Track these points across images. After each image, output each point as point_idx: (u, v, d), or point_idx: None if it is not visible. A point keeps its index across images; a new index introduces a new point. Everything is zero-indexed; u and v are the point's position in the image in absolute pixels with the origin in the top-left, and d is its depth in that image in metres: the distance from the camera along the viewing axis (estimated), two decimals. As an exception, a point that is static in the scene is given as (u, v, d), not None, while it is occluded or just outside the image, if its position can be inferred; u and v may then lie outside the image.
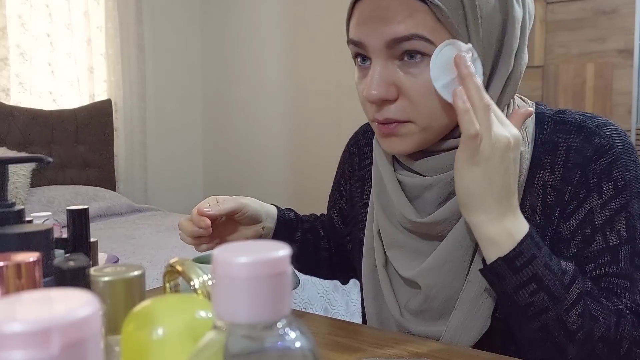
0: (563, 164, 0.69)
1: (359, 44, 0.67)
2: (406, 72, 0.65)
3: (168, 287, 0.44)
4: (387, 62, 0.65)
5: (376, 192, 0.77)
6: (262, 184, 3.55)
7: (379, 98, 0.65)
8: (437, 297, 0.70)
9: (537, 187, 0.70)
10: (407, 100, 0.65)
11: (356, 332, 0.71)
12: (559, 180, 0.69)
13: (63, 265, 0.38)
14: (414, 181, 0.71)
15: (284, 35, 3.37)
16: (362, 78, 0.69)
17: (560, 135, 0.70)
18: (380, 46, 0.64)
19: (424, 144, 0.68)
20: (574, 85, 2.23)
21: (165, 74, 3.54)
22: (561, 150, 0.69)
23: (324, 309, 1.81)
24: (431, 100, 0.64)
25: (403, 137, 0.67)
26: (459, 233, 0.68)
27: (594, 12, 2.15)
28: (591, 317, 0.62)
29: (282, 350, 0.26)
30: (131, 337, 0.36)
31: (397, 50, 0.64)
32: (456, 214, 0.68)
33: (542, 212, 0.69)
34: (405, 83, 0.65)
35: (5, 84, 2.76)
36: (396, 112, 0.66)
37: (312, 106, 3.28)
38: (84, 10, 3.08)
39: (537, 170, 0.70)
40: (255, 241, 0.28)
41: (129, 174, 3.27)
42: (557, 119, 0.72)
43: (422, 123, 0.66)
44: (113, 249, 1.97)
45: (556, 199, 0.69)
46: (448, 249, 0.69)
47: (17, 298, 0.22)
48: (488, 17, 0.64)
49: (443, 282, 0.69)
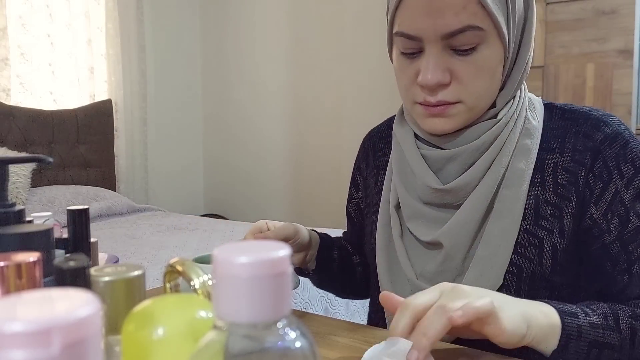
0: (572, 147, 0.76)
1: (412, 37, 0.72)
2: (459, 58, 0.71)
3: (168, 287, 0.44)
4: (441, 50, 0.71)
5: (397, 170, 0.83)
6: (262, 183, 3.55)
7: (434, 83, 0.71)
8: (456, 257, 0.76)
9: (547, 167, 0.76)
10: (459, 84, 0.72)
11: (356, 332, 0.71)
12: (569, 162, 0.75)
13: (63, 265, 0.38)
14: (438, 153, 0.77)
15: (284, 35, 3.37)
16: (409, 65, 0.74)
17: (568, 122, 0.78)
18: (436, 38, 0.70)
19: (466, 122, 0.75)
20: (574, 85, 2.23)
21: (165, 74, 3.54)
22: (570, 134, 0.76)
23: (324, 309, 1.81)
24: (481, 81, 0.72)
25: (450, 117, 0.74)
26: (477, 197, 0.75)
27: (594, 13, 2.15)
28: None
29: (282, 350, 0.26)
30: (131, 337, 0.36)
31: (451, 41, 0.70)
32: (475, 181, 0.75)
33: (554, 191, 0.75)
34: (458, 67, 0.71)
35: (6, 84, 2.76)
36: (449, 94, 0.72)
37: (312, 105, 3.28)
38: (84, 11, 3.08)
39: (547, 153, 0.77)
40: (255, 241, 0.28)
41: (129, 174, 3.27)
42: (565, 108, 0.80)
43: (470, 103, 0.73)
44: (113, 249, 1.97)
45: (569, 179, 0.75)
46: (468, 211, 0.75)
47: (17, 298, 0.22)
48: (519, 8, 0.73)
49: (462, 241, 0.75)
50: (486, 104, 0.75)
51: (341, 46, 3.11)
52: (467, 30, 0.69)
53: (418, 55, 0.73)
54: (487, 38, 0.70)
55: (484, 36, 0.70)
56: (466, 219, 0.75)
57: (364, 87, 3.01)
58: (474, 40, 0.70)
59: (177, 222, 2.58)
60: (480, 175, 0.75)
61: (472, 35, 0.69)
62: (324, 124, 3.23)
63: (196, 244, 2.06)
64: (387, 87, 2.87)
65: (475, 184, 0.75)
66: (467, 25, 0.68)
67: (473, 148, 0.75)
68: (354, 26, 3.05)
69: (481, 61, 0.71)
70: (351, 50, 3.07)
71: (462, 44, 0.70)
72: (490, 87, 0.73)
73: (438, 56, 0.71)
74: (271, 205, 3.51)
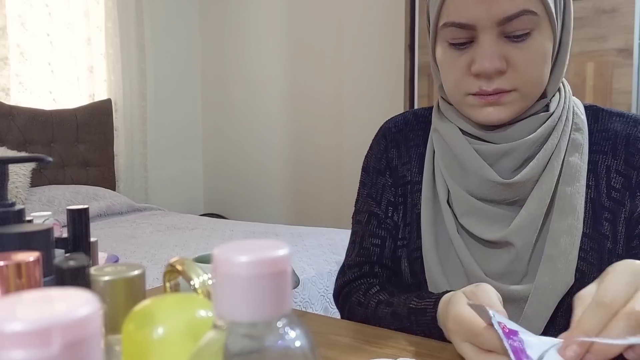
0: (625, 150, 0.75)
1: (465, 25, 0.71)
2: (513, 45, 0.71)
3: (168, 287, 0.44)
4: (496, 37, 0.71)
5: (444, 165, 0.81)
6: (262, 183, 3.55)
7: (493, 70, 0.70)
8: (525, 257, 0.74)
9: (600, 170, 0.76)
10: (515, 71, 0.71)
11: (356, 332, 0.71)
12: (622, 165, 0.75)
13: (63, 264, 0.38)
14: (492, 148, 0.76)
15: (283, 35, 3.37)
16: (459, 57, 0.73)
17: (618, 124, 0.77)
18: (491, 24, 0.70)
19: (520, 111, 0.74)
20: (574, 84, 2.23)
21: (165, 74, 3.54)
22: (621, 137, 0.76)
23: (324, 309, 1.81)
24: (537, 69, 0.72)
25: (505, 105, 0.73)
26: (540, 193, 0.74)
27: (594, 11, 2.15)
28: None
29: (282, 350, 0.26)
30: (131, 336, 0.36)
31: (507, 27, 0.70)
32: (536, 176, 0.74)
33: (608, 195, 0.75)
34: (514, 54, 0.71)
35: (5, 83, 2.76)
36: (505, 82, 0.71)
37: (312, 104, 3.28)
38: (84, 10, 3.08)
39: (599, 156, 0.76)
40: (255, 240, 0.28)
41: (129, 173, 3.27)
42: (611, 112, 0.79)
43: (525, 90, 0.72)
44: (113, 248, 1.97)
45: (623, 183, 0.75)
46: (534, 207, 0.74)
47: (17, 297, 0.22)
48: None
49: (531, 240, 0.74)
50: (538, 93, 0.75)
51: (340, 47, 3.11)
52: (522, 15, 0.69)
53: (469, 46, 0.72)
54: (540, 23, 0.70)
55: (537, 21, 0.70)
56: (533, 216, 0.74)
57: (364, 88, 3.01)
58: (529, 26, 0.69)
59: (177, 222, 2.58)
60: (540, 170, 0.74)
61: (526, 20, 0.69)
62: (323, 124, 3.23)
63: (196, 244, 2.06)
64: (386, 88, 2.86)
65: (536, 179, 0.74)
66: (522, 9, 0.68)
67: (530, 142, 0.74)
68: (353, 27, 3.05)
69: (535, 47, 0.71)
70: (350, 50, 3.06)
71: (516, 29, 0.70)
72: (543, 75, 0.73)
73: (493, 43, 0.70)
74: (271, 205, 3.51)
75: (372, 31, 2.96)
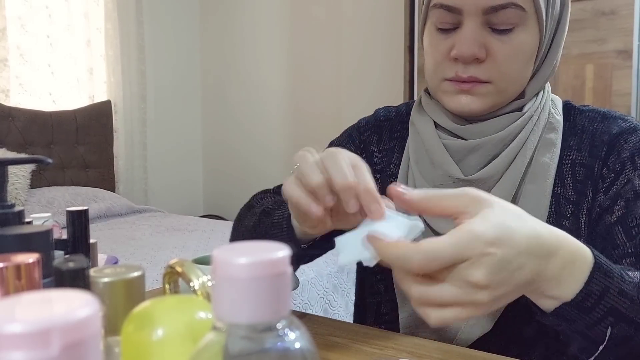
0: (590, 143, 0.76)
1: (453, 8, 0.71)
2: (496, 36, 0.71)
3: (168, 288, 0.44)
4: (480, 25, 0.71)
5: (415, 159, 0.81)
6: (262, 184, 3.55)
7: (470, 55, 0.70)
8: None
9: (565, 165, 0.76)
10: (493, 62, 0.71)
11: (356, 333, 0.71)
12: (586, 157, 0.75)
13: (63, 266, 0.38)
14: (460, 143, 0.76)
15: (283, 35, 3.37)
16: (443, 40, 0.73)
17: (586, 120, 0.78)
18: (477, 12, 0.70)
19: (494, 106, 0.74)
20: (573, 86, 2.23)
21: (165, 75, 3.54)
22: (587, 132, 0.76)
23: (323, 310, 1.81)
24: (514, 64, 0.72)
25: (478, 96, 0.73)
26: (501, 191, 0.73)
27: (593, 13, 2.15)
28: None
29: (282, 351, 0.26)
30: (131, 338, 0.36)
31: (492, 17, 0.70)
32: (499, 173, 0.74)
33: (574, 188, 0.75)
34: (495, 46, 0.71)
35: (5, 85, 2.76)
36: (481, 71, 0.72)
37: (312, 105, 3.28)
38: (83, 11, 3.08)
39: (565, 151, 0.77)
40: (255, 242, 0.28)
41: (128, 174, 3.27)
42: (582, 109, 0.80)
43: (501, 85, 0.73)
44: (113, 250, 1.97)
45: (586, 174, 0.75)
46: None
47: (17, 299, 0.22)
48: (557, 4, 0.74)
49: None
50: (514, 92, 0.75)
51: (340, 47, 3.11)
52: (509, 7, 0.69)
53: (453, 32, 0.73)
54: (527, 20, 0.70)
55: (524, 17, 0.70)
56: None
57: (363, 91, 3.01)
58: (514, 20, 0.70)
59: (177, 223, 2.58)
60: (503, 168, 0.74)
61: (512, 14, 0.69)
62: (323, 125, 3.23)
63: (195, 245, 2.06)
64: (386, 90, 2.87)
65: (499, 177, 0.74)
66: (509, 1, 0.68)
67: (497, 140, 0.74)
68: (352, 29, 3.05)
69: (517, 43, 0.71)
70: (350, 51, 3.07)
71: (501, 21, 0.70)
72: (521, 73, 0.73)
73: (476, 30, 0.70)
74: (270, 206, 3.50)
75: (371, 33, 2.96)
